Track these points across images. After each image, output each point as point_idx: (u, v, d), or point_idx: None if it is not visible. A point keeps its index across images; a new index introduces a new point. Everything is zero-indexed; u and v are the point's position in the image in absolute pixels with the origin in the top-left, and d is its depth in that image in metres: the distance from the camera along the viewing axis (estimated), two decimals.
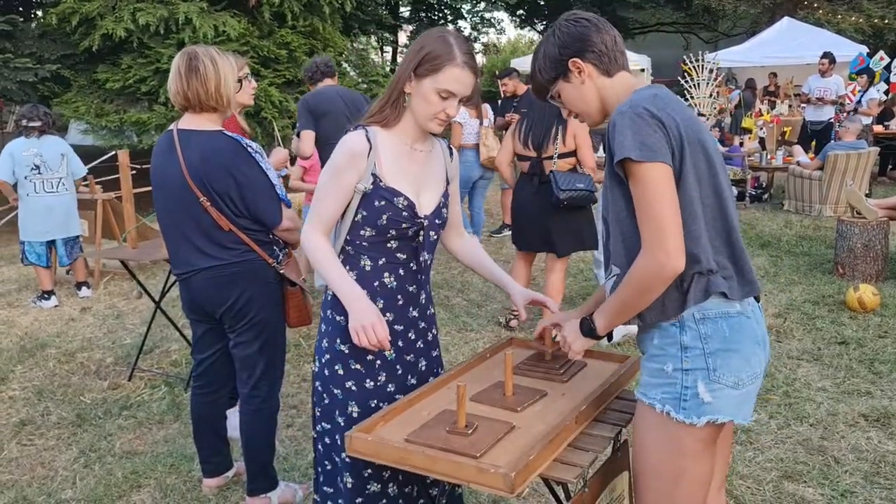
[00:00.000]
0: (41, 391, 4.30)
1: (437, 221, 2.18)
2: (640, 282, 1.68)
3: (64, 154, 6.16)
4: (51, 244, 6.21)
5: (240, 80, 2.73)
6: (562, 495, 2.23)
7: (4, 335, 5.37)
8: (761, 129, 11.59)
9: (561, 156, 4.57)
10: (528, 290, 2.37)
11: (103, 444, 3.62)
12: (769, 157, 10.08)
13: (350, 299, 2.05)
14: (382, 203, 2.07)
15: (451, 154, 2.28)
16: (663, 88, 1.78)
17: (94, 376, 4.53)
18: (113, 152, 8.14)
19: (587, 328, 1.89)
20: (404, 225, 2.09)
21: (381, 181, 2.07)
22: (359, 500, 2.14)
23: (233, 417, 3.24)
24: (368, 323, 2.01)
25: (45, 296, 6.13)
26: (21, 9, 12.72)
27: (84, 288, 6.30)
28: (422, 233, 2.13)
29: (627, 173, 1.67)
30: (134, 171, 5.65)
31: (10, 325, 5.61)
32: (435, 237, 2.21)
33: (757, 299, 1.86)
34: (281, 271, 2.78)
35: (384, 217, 2.07)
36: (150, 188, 2.84)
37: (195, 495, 3.11)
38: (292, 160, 5.54)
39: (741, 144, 10.50)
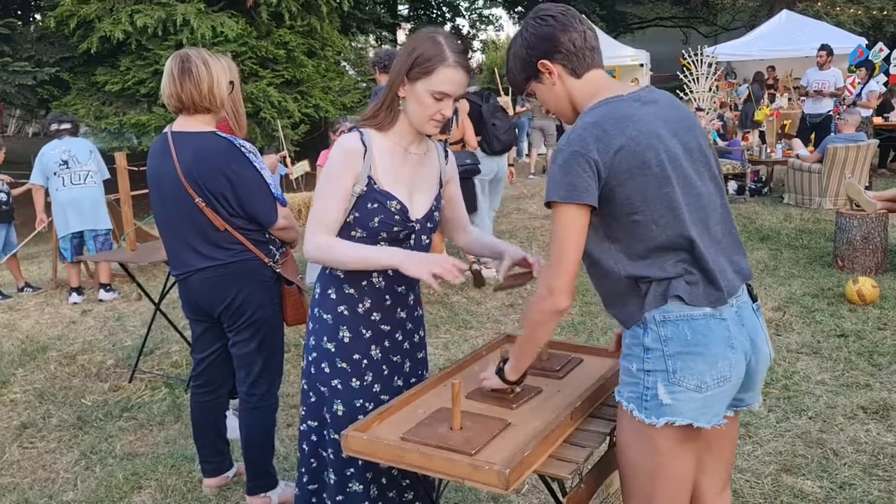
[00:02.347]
0: (42, 394, 4.32)
1: (428, 225, 2.16)
2: (530, 311, 1.80)
3: (92, 150, 6.36)
4: (81, 241, 6.30)
5: (231, 83, 2.74)
6: (558, 492, 2.23)
7: (6, 338, 5.39)
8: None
9: (456, 141, 5.61)
10: (518, 250, 2.20)
11: (104, 445, 3.64)
12: (769, 150, 10.07)
13: (398, 260, 1.96)
14: (375, 206, 2.05)
15: (447, 156, 2.26)
16: (610, 106, 1.73)
17: (94, 378, 4.55)
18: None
19: (499, 371, 2.02)
20: (395, 228, 2.08)
21: (375, 184, 2.05)
22: (339, 497, 2.16)
23: (232, 419, 3.26)
24: (437, 266, 1.90)
25: (73, 292, 6.27)
26: (19, 12, 12.75)
27: (103, 291, 6.33)
28: (413, 236, 2.12)
29: (550, 206, 1.72)
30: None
31: (12, 329, 5.63)
32: (427, 241, 2.18)
33: (754, 299, 1.84)
34: (277, 270, 2.79)
35: (376, 220, 2.05)
36: (147, 190, 2.86)
37: (196, 495, 3.12)
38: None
39: (743, 139, 10.46)
